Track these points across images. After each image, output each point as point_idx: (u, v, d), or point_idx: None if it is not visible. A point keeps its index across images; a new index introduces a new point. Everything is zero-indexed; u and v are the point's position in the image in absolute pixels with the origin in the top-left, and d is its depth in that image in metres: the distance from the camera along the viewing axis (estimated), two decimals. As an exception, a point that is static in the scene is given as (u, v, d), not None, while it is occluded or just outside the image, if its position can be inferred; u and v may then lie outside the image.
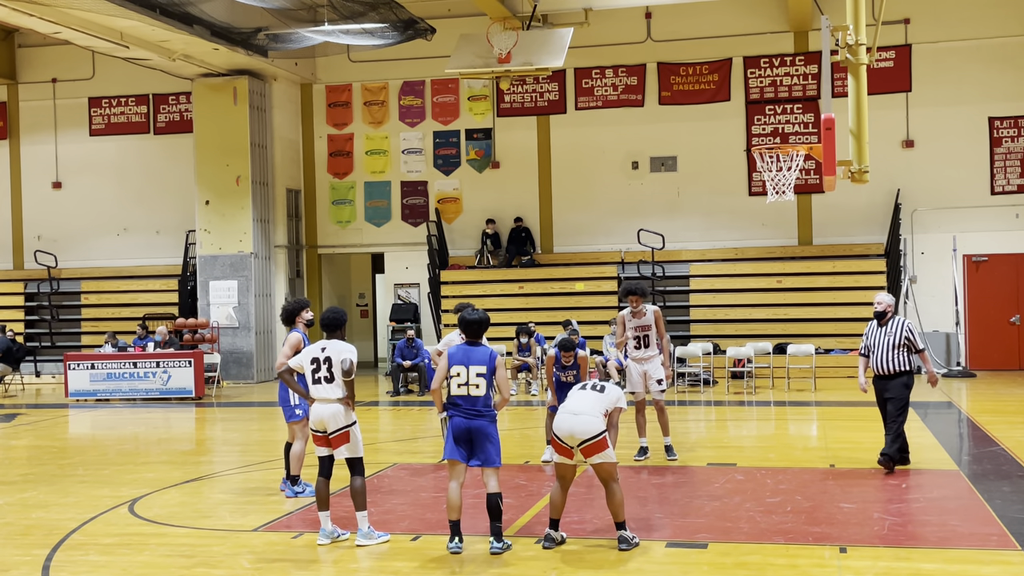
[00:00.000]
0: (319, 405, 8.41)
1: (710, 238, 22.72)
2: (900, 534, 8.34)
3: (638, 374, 11.84)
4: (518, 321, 19.45)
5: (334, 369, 8.40)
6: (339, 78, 24.56)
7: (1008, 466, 11.04)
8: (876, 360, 10.87)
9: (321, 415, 8.38)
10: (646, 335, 11.79)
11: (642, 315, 11.80)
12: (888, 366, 10.78)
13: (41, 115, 25.74)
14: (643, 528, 8.48)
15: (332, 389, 8.39)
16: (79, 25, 18.55)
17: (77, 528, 9.13)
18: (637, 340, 11.81)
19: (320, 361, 8.45)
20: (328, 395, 8.38)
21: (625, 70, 22.99)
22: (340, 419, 8.36)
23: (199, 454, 14.25)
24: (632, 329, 11.83)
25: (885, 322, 10.93)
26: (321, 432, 8.42)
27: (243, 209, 22.63)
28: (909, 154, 21.80)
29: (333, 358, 8.42)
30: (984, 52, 21.50)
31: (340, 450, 8.39)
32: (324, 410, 8.37)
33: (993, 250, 21.51)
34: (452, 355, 8.09)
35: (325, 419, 8.36)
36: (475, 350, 8.06)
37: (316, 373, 8.45)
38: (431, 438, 14.15)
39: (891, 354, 10.77)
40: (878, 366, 10.86)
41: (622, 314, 12.02)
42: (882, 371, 10.84)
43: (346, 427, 8.37)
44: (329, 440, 8.41)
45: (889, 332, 10.84)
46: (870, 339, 11.02)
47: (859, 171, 11.87)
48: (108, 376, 19.90)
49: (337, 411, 8.36)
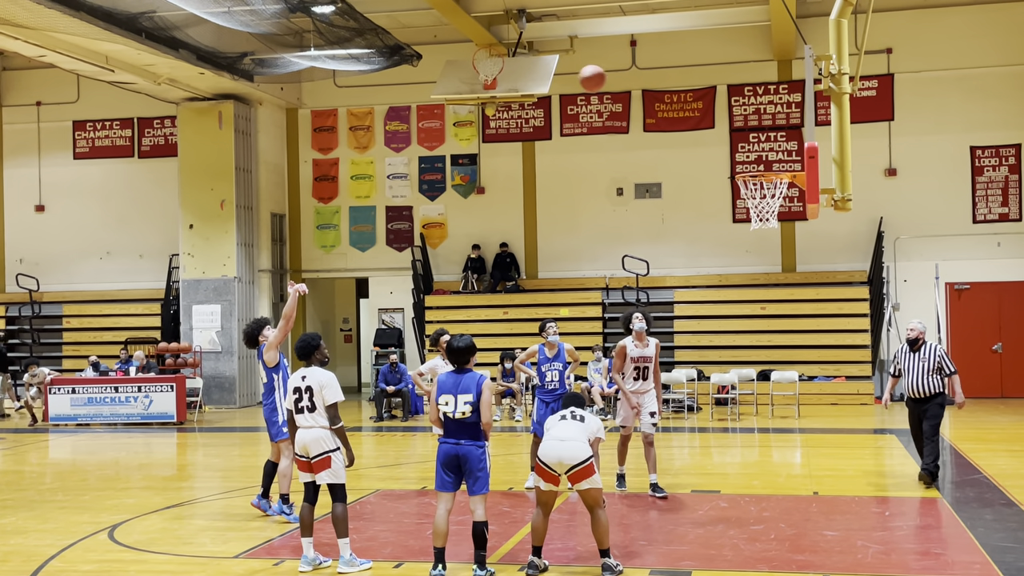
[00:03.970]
0: (302, 431, 8.41)
1: (694, 264, 22.78)
2: (883, 562, 8.33)
3: (630, 407, 11.32)
4: (502, 347, 19.44)
5: (315, 399, 8.39)
6: (325, 103, 24.59)
7: (991, 494, 11.05)
8: (911, 383, 11.37)
9: (304, 440, 8.38)
10: (646, 367, 11.31)
11: (646, 346, 11.30)
12: (924, 389, 11.32)
13: (25, 138, 25.67)
14: (627, 555, 8.45)
15: (315, 417, 8.38)
16: (64, 48, 18.54)
17: (56, 555, 9.03)
18: (637, 371, 11.31)
19: (302, 391, 8.44)
20: (311, 423, 8.38)
21: (610, 97, 23.11)
22: (322, 444, 8.34)
23: (180, 480, 14.13)
24: (633, 360, 11.28)
25: (918, 347, 11.43)
26: (304, 457, 8.40)
27: (227, 233, 22.57)
28: (892, 182, 21.94)
29: (314, 387, 8.41)
30: (966, 82, 21.70)
31: (322, 475, 8.35)
32: (307, 435, 8.38)
33: (975, 278, 21.63)
34: (441, 383, 8.05)
35: (307, 444, 8.36)
36: (463, 377, 7.99)
37: (298, 403, 8.44)
38: (414, 464, 14.08)
39: (927, 378, 11.29)
40: (914, 389, 11.36)
41: (624, 344, 11.32)
42: (918, 394, 11.35)
43: (328, 452, 8.35)
44: (312, 465, 8.38)
45: (924, 357, 11.35)
46: (903, 363, 11.50)
47: (842, 199, 11.92)
48: (89, 401, 19.75)
49: (319, 436, 8.35)
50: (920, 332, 11.51)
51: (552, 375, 11.60)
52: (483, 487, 7.91)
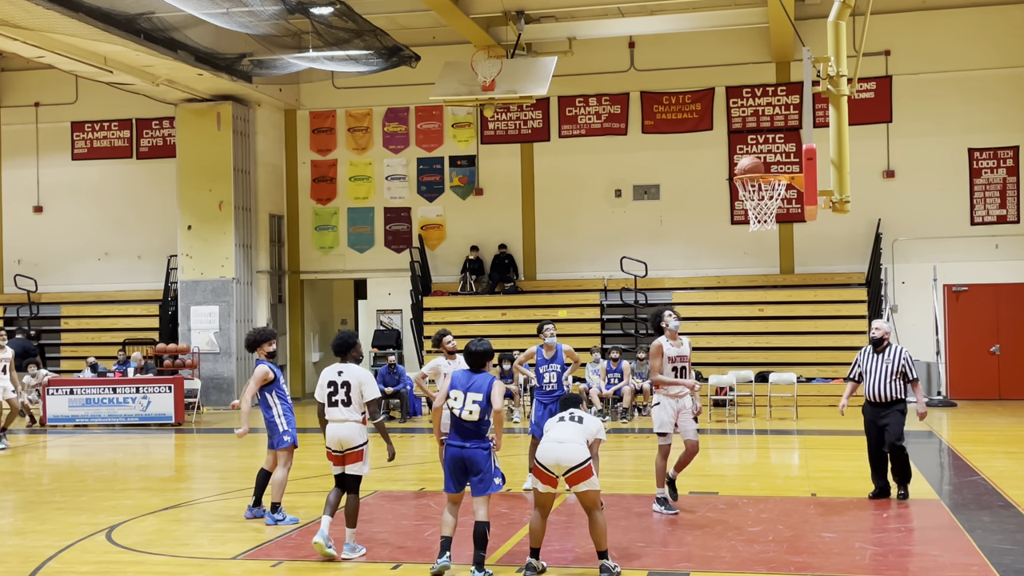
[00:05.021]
0: (336, 425, 8.70)
1: (692, 266, 22.78)
2: (881, 564, 8.33)
3: (671, 412, 10.41)
4: (501, 348, 19.39)
5: (352, 394, 8.72)
6: (323, 104, 24.59)
7: (989, 496, 11.06)
8: (871, 387, 10.74)
9: (338, 434, 8.70)
10: (684, 366, 10.44)
11: (680, 344, 10.49)
12: (884, 393, 10.67)
13: (23, 139, 25.66)
14: (625, 557, 8.44)
15: (349, 412, 8.73)
16: (63, 49, 18.53)
17: (53, 556, 9.02)
18: (675, 372, 10.40)
19: (337, 385, 8.76)
20: (345, 417, 8.71)
21: (608, 99, 23.11)
22: (356, 438, 8.71)
23: (178, 481, 14.12)
24: (671, 359, 10.38)
25: (882, 349, 10.79)
26: (338, 451, 8.71)
27: (225, 234, 22.56)
28: (890, 184, 21.95)
29: (352, 383, 8.75)
30: (964, 84, 21.72)
31: (351, 467, 8.73)
32: (341, 429, 8.70)
33: (973, 280, 21.64)
34: (455, 379, 8.22)
35: (342, 438, 8.69)
36: (477, 377, 8.19)
37: (332, 397, 8.73)
38: (412, 465, 14.08)
39: (888, 381, 10.64)
40: (873, 393, 10.73)
41: (659, 343, 10.41)
42: (877, 398, 10.72)
43: (360, 446, 8.71)
44: (344, 458, 8.70)
45: (887, 359, 10.71)
46: (864, 365, 10.85)
47: (840, 201, 11.92)
48: (87, 402, 19.74)
49: (353, 430, 8.71)
50: (885, 333, 10.84)
51: (550, 377, 11.60)
52: (487, 488, 8.02)
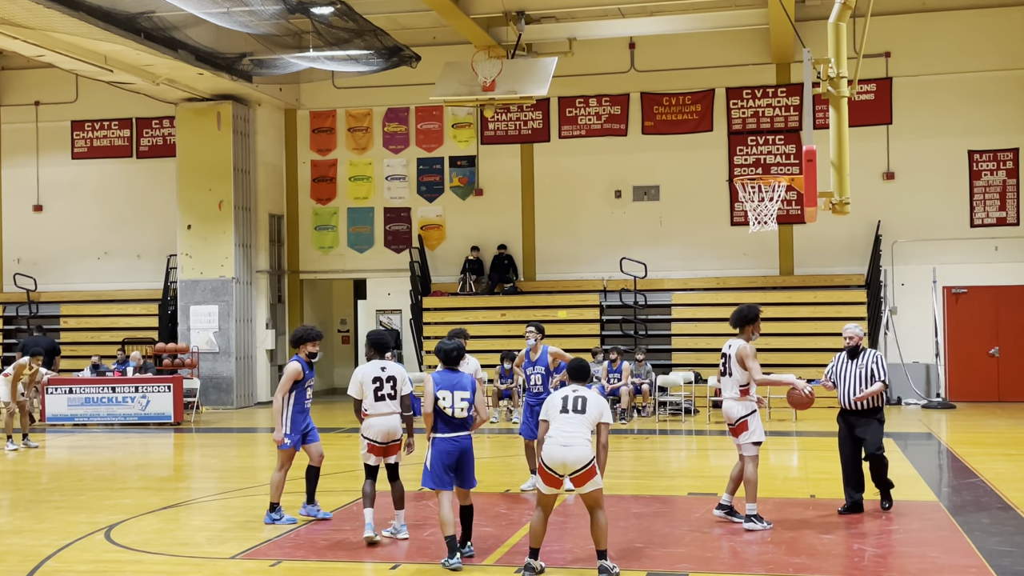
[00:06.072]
0: (384, 418, 9.20)
1: (692, 267, 22.78)
2: (880, 565, 8.33)
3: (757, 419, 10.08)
4: (500, 348, 19.42)
5: (398, 387, 9.27)
6: (323, 104, 24.59)
7: (987, 498, 11.06)
8: (845, 394, 10.23)
9: (387, 426, 9.19)
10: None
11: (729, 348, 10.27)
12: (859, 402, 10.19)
13: (23, 138, 25.65)
14: (624, 558, 8.44)
15: (395, 405, 9.27)
16: (63, 48, 18.53)
17: (52, 555, 9.02)
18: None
19: (383, 380, 9.26)
20: (392, 409, 9.25)
21: (609, 99, 23.12)
22: (400, 429, 9.29)
23: (177, 480, 14.13)
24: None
25: (856, 355, 10.27)
26: (383, 443, 9.19)
27: (225, 234, 22.56)
28: (890, 186, 21.95)
29: (397, 378, 9.29)
30: (964, 86, 21.72)
31: (392, 457, 9.29)
32: (389, 421, 9.22)
33: (973, 282, 21.64)
34: (438, 380, 8.42)
35: (391, 429, 9.20)
36: (459, 376, 8.50)
37: (379, 391, 9.22)
38: (408, 466, 14.04)
39: (862, 389, 10.14)
40: (848, 401, 10.22)
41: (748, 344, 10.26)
42: (852, 406, 10.22)
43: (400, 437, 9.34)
44: (388, 449, 9.23)
45: (861, 364, 10.21)
46: (837, 371, 10.37)
47: (840, 202, 11.93)
48: (86, 401, 19.74)
49: (398, 422, 9.28)
50: (859, 338, 10.27)
51: (535, 379, 11.67)
52: (475, 480, 8.53)
